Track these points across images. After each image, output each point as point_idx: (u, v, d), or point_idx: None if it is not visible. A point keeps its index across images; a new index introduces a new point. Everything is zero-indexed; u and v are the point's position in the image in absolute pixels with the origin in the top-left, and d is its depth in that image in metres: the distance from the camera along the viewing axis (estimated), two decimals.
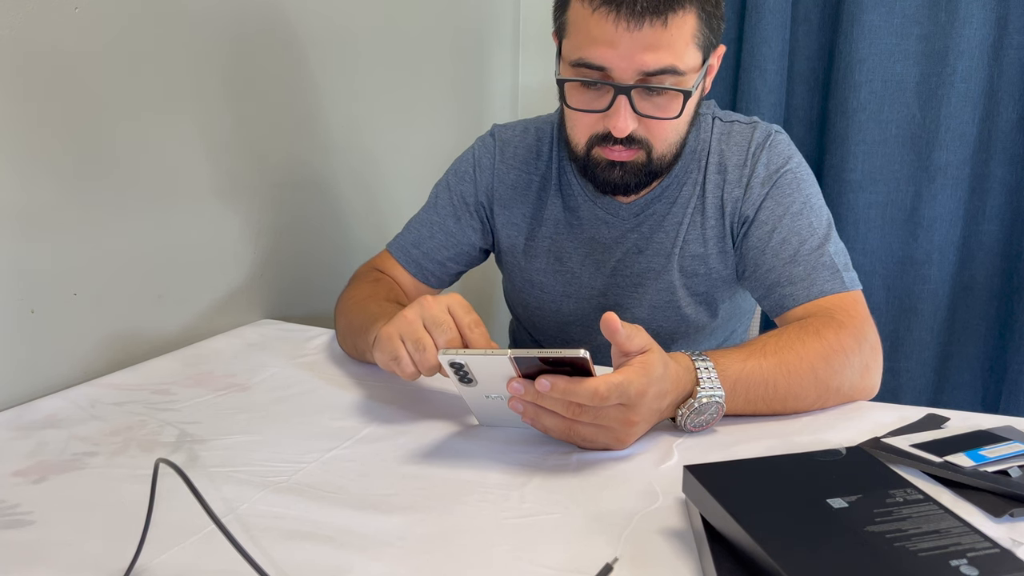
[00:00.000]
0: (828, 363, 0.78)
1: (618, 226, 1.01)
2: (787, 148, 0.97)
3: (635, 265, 1.01)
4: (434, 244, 1.06)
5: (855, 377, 0.81)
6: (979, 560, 0.44)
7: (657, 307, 1.02)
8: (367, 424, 0.76)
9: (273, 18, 1.13)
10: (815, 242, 0.91)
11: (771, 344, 0.79)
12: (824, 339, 0.80)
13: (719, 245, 0.98)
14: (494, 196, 1.05)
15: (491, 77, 1.81)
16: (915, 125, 1.53)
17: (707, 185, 0.98)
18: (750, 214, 0.95)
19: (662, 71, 0.82)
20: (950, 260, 1.56)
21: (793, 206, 0.93)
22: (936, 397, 1.63)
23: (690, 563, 0.53)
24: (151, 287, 0.98)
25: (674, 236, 0.99)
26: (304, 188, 1.24)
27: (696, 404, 0.71)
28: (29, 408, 0.79)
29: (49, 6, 0.81)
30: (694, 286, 1.01)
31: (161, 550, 0.54)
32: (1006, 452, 0.65)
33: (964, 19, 1.45)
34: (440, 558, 0.54)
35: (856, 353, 0.81)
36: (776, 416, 0.78)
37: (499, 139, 1.07)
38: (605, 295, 1.04)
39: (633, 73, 0.82)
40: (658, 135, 0.88)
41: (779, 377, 0.76)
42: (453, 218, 1.06)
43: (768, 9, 1.53)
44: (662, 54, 0.81)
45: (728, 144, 0.98)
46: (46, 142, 0.83)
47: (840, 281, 0.89)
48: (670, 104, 0.85)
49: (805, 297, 0.89)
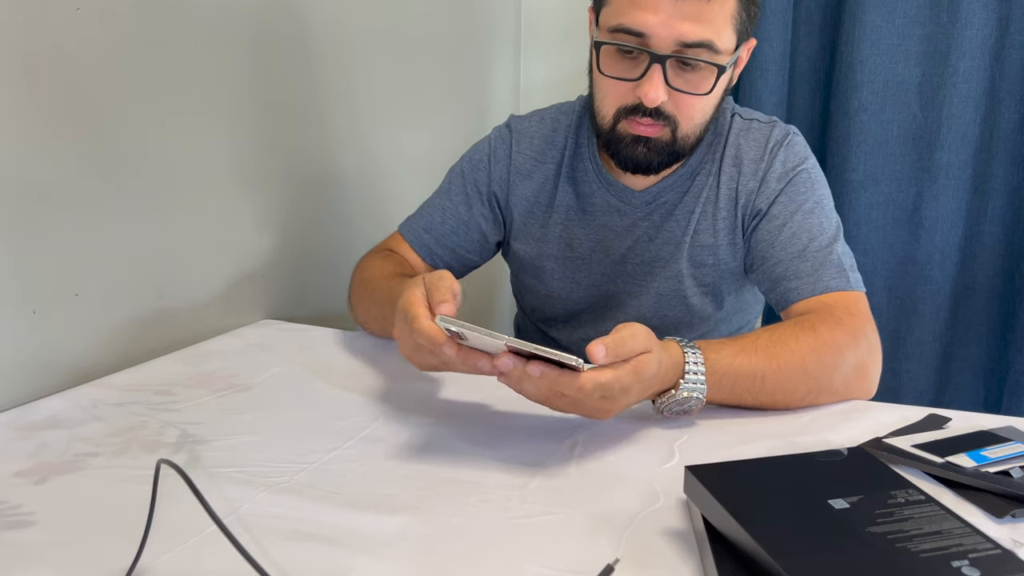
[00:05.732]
0: (819, 358, 0.78)
1: (630, 214, 1.01)
2: (804, 149, 0.98)
3: (645, 253, 1.02)
4: (445, 230, 1.06)
5: (849, 373, 0.80)
6: (980, 561, 0.44)
7: (663, 295, 1.03)
8: (369, 424, 0.76)
9: (274, 18, 1.13)
10: (824, 240, 0.92)
11: (764, 338, 0.79)
12: (818, 334, 0.80)
13: (729, 236, 0.99)
14: (509, 186, 1.06)
15: (492, 76, 1.81)
16: (917, 125, 1.53)
17: (721, 176, 0.98)
18: (763, 207, 0.96)
19: (699, 44, 0.83)
20: (952, 261, 1.56)
21: (806, 204, 0.94)
22: (937, 397, 1.62)
23: (691, 563, 0.53)
24: (152, 287, 0.98)
25: (685, 225, 1.00)
26: (306, 188, 1.24)
27: (676, 396, 0.73)
28: (31, 408, 0.79)
29: (50, 6, 0.82)
30: (702, 276, 1.01)
31: (162, 551, 0.54)
32: (1008, 453, 0.65)
33: (966, 19, 1.45)
34: (442, 558, 0.54)
35: (850, 350, 0.81)
36: (770, 412, 0.78)
37: (515, 129, 1.07)
38: (614, 282, 1.04)
39: (671, 42, 0.83)
40: (685, 112, 0.89)
41: (768, 371, 0.77)
42: (465, 206, 1.06)
43: (770, 9, 1.53)
44: (702, 27, 0.83)
45: (746, 139, 0.99)
46: (47, 142, 0.83)
47: (845, 280, 0.89)
48: (702, 81, 0.87)
49: (809, 292, 0.89)
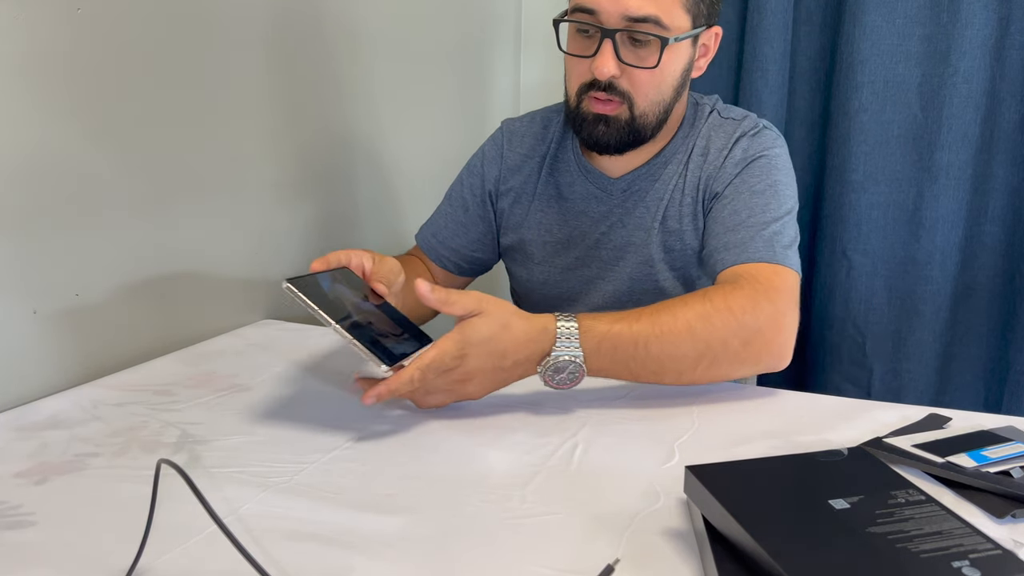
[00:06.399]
0: (708, 321, 0.78)
1: (606, 200, 1.05)
2: (771, 141, 1.00)
3: (617, 238, 1.05)
4: (448, 234, 1.15)
5: (749, 338, 0.79)
6: (981, 561, 0.44)
7: (636, 280, 1.05)
8: (369, 424, 0.76)
9: (275, 20, 1.13)
10: (762, 218, 0.92)
11: (650, 308, 0.80)
12: (710, 300, 0.80)
13: (693, 222, 1.01)
14: (500, 183, 1.12)
15: (493, 77, 1.82)
16: (917, 126, 1.53)
17: (690, 165, 1.01)
18: (719, 190, 0.98)
19: (645, 19, 0.88)
20: (952, 261, 1.56)
21: (757, 186, 0.95)
22: (938, 397, 1.62)
23: (692, 564, 0.53)
24: (153, 287, 0.98)
25: (654, 211, 1.03)
26: (306, 187, 1.24)
27: (551, 362, 0.75)
28: (31, 409, 0.79)
29: (50, 6, 0.82)
30: (672, 261, 1.03)
31: (163, 551, 0.54)
32: (1008, 453, 0.65)
33: (966, 20, 1.45)
34: (442, 558, 0.54)
35: (748, 314, 0.80)
36: (768, 411, 0.77)
37: (507, 131, 1.14)
38: (589, 266, 1.08)
39: (619, 17, 0.89)
40: (640, 89, 0.93)
41: (651, 337, 0.77)
42: (462, 210, 1.14)
43: (770, 10, 1.53)
44: (647, 2, 0.88)
45: (717, 131, 1.02)
46: (47, 143, 0.83)
47: (772, 252, 0.89)
48: (651, 56, 0.91)
49: (733, 261, 0.90)
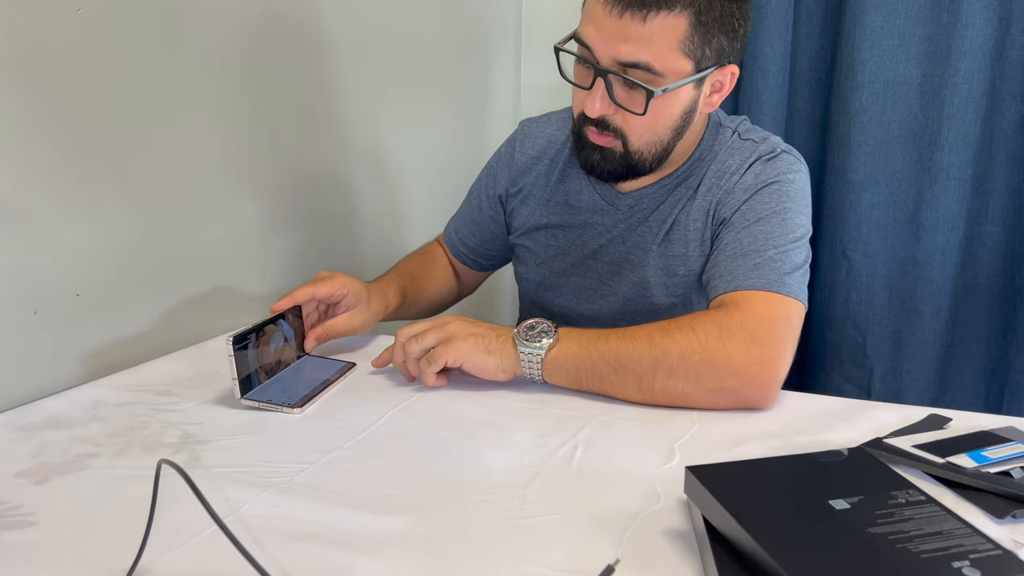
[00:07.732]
0: (667, 333, 0.80)
1: (612, 215, 1.04)
2: (787, 166, 0.95)
3: (615, 253, 1.04)
4: (466, 232, 1.20)
5: (712, 358, 0.77)
6: (981, 562, 0.44)
7: (630, 299, 1.04)
8: (369, 424, 0.76)
9: (275, 19, 1.13)
10: (763, 245, 0.89)
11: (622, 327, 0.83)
12: (677, 320, 0.82)
13: (700, 248, 0.99)
14: (511, 184, 1.13)
15: (493, 77, 1.81)
16: (917, 126, 1.53)
17: (700, 188, 0.98)
18: (727, 216, 0.95)
19: (635, 65, 0.85)
20: (952, 261, 1.56)
21: (763, 213, 0.91)
22: (938, 398, 1.62)
23: (692, 564, 0.53)
24: (154, 287, 0.98)
25: (656, 231, 1.00)
26: (307, 188, 1.24)
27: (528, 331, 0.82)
28: (31, 409, 0.79)
29: (50, 6, 0.82)
30: (673, 286, 1.01)
31: (163, 551, 0.54)
32: (1008, 453, 0.65)
33: (966, 20, 1.45)
34: (442, 559, 0.54)
35: (713, 335, 0.79)
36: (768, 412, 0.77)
37: (520, 132, 1.15)
38: (584, 276, 1.07)
39: (610, 59, 0.86)
40: (633, 129, 0.91)
41: (612, 334, 0.80)
42: (477, 210, 1.18)
43: (770, 11, 1.53)
44: (638, 48, 0.84)
45: (732, 154, 0.98)
46: (48, 142, 0.83)
47: (765, 280, 0.85)
48: (641, 101, 0.87)
49: (724, 288, 0.88)
